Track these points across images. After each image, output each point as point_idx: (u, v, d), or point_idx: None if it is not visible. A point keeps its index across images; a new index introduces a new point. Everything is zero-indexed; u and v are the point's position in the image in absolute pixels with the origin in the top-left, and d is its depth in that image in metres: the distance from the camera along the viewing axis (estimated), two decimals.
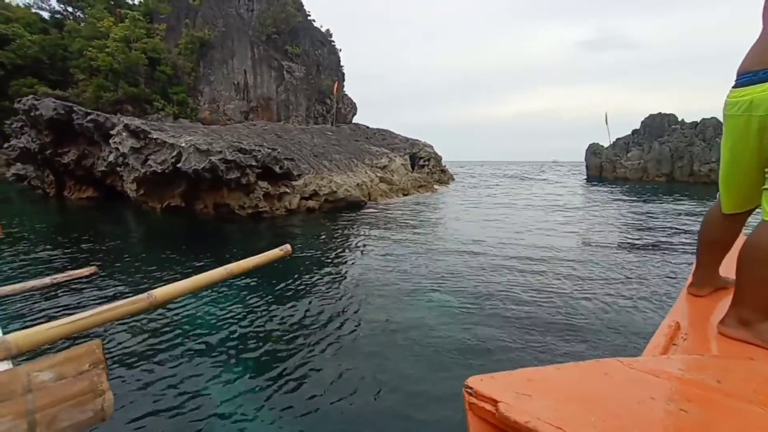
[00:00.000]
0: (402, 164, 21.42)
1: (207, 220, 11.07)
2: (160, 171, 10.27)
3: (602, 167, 32.49)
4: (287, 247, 2.00)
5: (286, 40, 37.89)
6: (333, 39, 42.77)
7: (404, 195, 17.35)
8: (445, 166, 27.29)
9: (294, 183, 12.53)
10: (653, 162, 29.16)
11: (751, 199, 1.25)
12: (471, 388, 0.69)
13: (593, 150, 33.44)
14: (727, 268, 1.44)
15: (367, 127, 28.79)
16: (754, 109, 1.09)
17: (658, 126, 31.21)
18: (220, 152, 9.97)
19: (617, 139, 32.93)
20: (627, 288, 5.72)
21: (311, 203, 12.22)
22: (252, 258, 1.88)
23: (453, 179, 27.49)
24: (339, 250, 7.88)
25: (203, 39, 35.12)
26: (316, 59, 40.00)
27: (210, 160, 9.51)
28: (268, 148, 11.27)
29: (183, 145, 9.71)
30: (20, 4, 38.78)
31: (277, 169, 11.16)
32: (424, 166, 24.46)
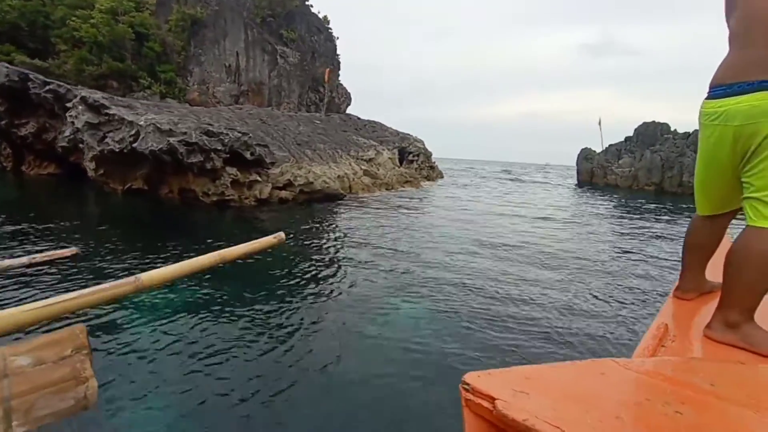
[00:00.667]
0: (389, 158, 20.64)
1: (170, 206, 10.20)
2: (117, 150, 9.36)
3: (593, 173, 32.04)
4: (281, 234, 1.93)
5: (281, 24, 36.62)
6: (330, 26, 41.50)
7: (387, 190, 16.58)
8: (435, 162, 26.56)
9: (270, 171, 11.71)
10: (644, 170, 28.75)
11: (727, 202, 1.34)
12: (468, 384, 0.68)
13: (585, 155, 32.95)
14: (713, 273, 1.49)
15: (358, 118, 27.87)
16: (729, 119, 1.17)
17: (651, 134, 30.78)
18: (185, 133, 9.08)
19: (610, 145, 32.44)
20: (612, 294, 5.39)
21: (284, 194, 11.39)
22: (244, 245, 1.81)
23: (442, 176, 26.78)
24: (305, 247, 7.11)
25: (195, 17, 33.68)
26: (311, 46, 38.78)
27: (168, 141, 8.62)
28: (239, 132, 10.36)
29: (141, 123, 8.79)
30: None
31: (247, 155, 10.30)
32: (413, 161, 23.70)
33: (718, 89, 1.20)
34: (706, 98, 1.25)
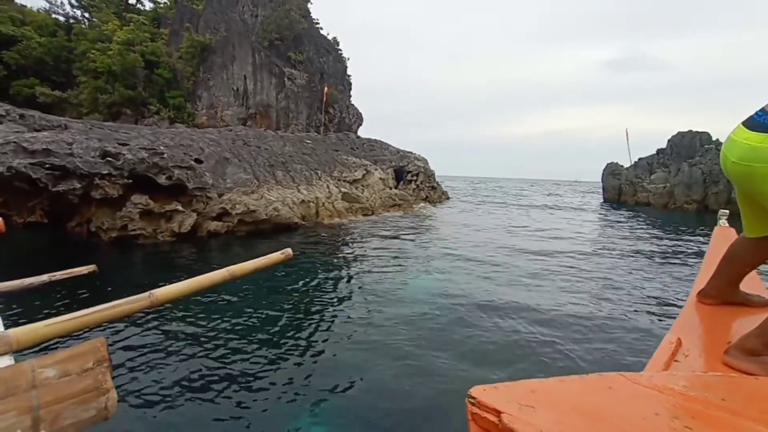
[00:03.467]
0: (381, 178, 18.18)
1: (68, 243, 8.24)
2: None
3: (621, 190, 27.88)
4: (288, 251, 1.87)
5: (289, 46, 35.78)
6: (340, 47, 40.35)
7: (365, 215, 14.07)
8: (439, 182, 23.80)
9: (209, 197, 9.63)
10: (682, 186, 24.35)
11: (765, 228, 1.26)
12: (474, 398, 0.67)
13: (611, 170, 28.85)
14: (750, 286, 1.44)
15: (357, 137, 25.82)
16: (730, 152, 1.14)
17: (689, 145, 26.41)
18: (70, 154, 7.14)
19: (639, 159, 28.24)
20: None
21: (216, 225, 9.20)
22: (253, 261, 1.74)
23: (447, 197, 23.91)
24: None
25: (204, 43, 33.49)
26: (320, 67, 37.63)
27: (12, 164, 6.57)
28: (147, 152, 8.26)
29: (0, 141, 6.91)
30: (40, 10, 38.69)
31: (161, 179, 8.25)
32: (412, 181, 21.10)
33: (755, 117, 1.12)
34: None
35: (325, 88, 25.82)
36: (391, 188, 17.85)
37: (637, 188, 26.62)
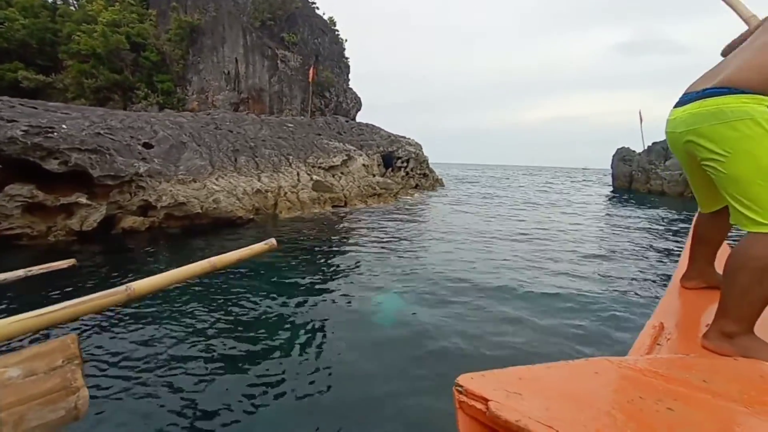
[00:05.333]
0: (364, 164, 16.16)
1: None
2: None
3: (633, 177, 25.28)
4: (272, 241, 1.78)
5: (282, 27, 33.43)
6: (337, 28, 37.81)
7: (336, 206, 12.12)
8: (432, 170, 21.63)
9: (141, 186, 7.87)
10: None
11: (718, 200, 1.27)
12: (461, 386, 0.66)
13: (622, 155, 26.14)
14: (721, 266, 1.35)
15: (347, 121, 23.72)
16: (677, 126, 1.19)
17: None
18: None
19: (653, 144, 25.47)
20: None
21: (132, 221, 7.42)
22: (236, 251, 1.65)
23: (442, 185, 21.76)
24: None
25: (193, 24, 31.39)
26: (315, 48, 35.22)
27: None
28: (31, 129, 6.35)
29: None
30: None
31: (52, 164, 6.48)
32: (401, 168, 19.03)
33: (680, 98, 1.21)
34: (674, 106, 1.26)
35: (311, 69, 23.55)
36: (374, 175, 15.83)
37: (650, 175, 23.99)
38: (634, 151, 26.31)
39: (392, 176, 17.79)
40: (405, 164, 18.80)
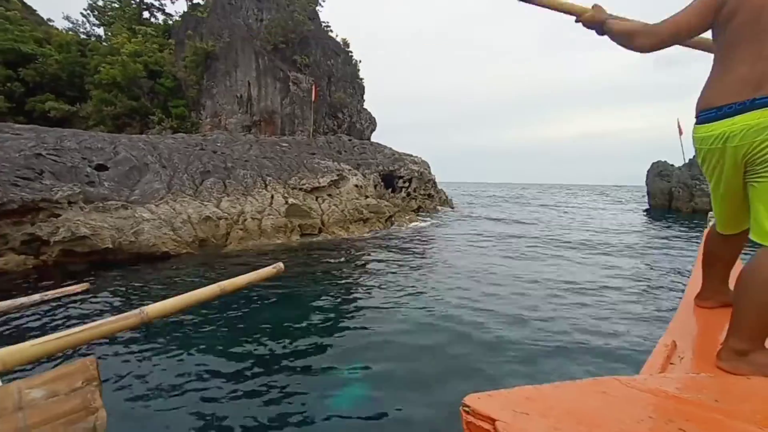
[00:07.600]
0: (357, 185, 14.31)
1: None
2: None
3: (672, 194, 21.82)
4: (280, 265, 1.79)
5: (295, 50, 33.07)
6: (350, 50, 37.12)
7: (306, 234, 10.23)
8: (439, 190, 19.42)
9: (57, 214, 6.42)
10: None
11: (741, 222, 1.22)
12: (468, 406, 0.65)
13: (658, 170, 22.72)
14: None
15: (350, 140, 22.23)
16: (729, 140, 1.09)
17: None
18: None
19: (695, 157, 22.01)
20: None
21: (8, 261, 5.85)
22: (245, 275, 1.67)
23: (450, 206, 19.44)
24: None
25: (207, 50, 31.62)
26: (327, 70, 34.53)
27: None
28: None
29: None
30: (64, 29, 39.13)
31: None
32: (402, 188, 17.01)
33: (709, 112, 1.12)
34: (698, 123, 1.17)
35: (313, 87, 22.39)
36: (367, 197, 13.91)
37: (693, 192, 20.49)
38: (672, 165, 22.87)
39: (392, 197, 15.80)
40: (406, 185, 16.78)
